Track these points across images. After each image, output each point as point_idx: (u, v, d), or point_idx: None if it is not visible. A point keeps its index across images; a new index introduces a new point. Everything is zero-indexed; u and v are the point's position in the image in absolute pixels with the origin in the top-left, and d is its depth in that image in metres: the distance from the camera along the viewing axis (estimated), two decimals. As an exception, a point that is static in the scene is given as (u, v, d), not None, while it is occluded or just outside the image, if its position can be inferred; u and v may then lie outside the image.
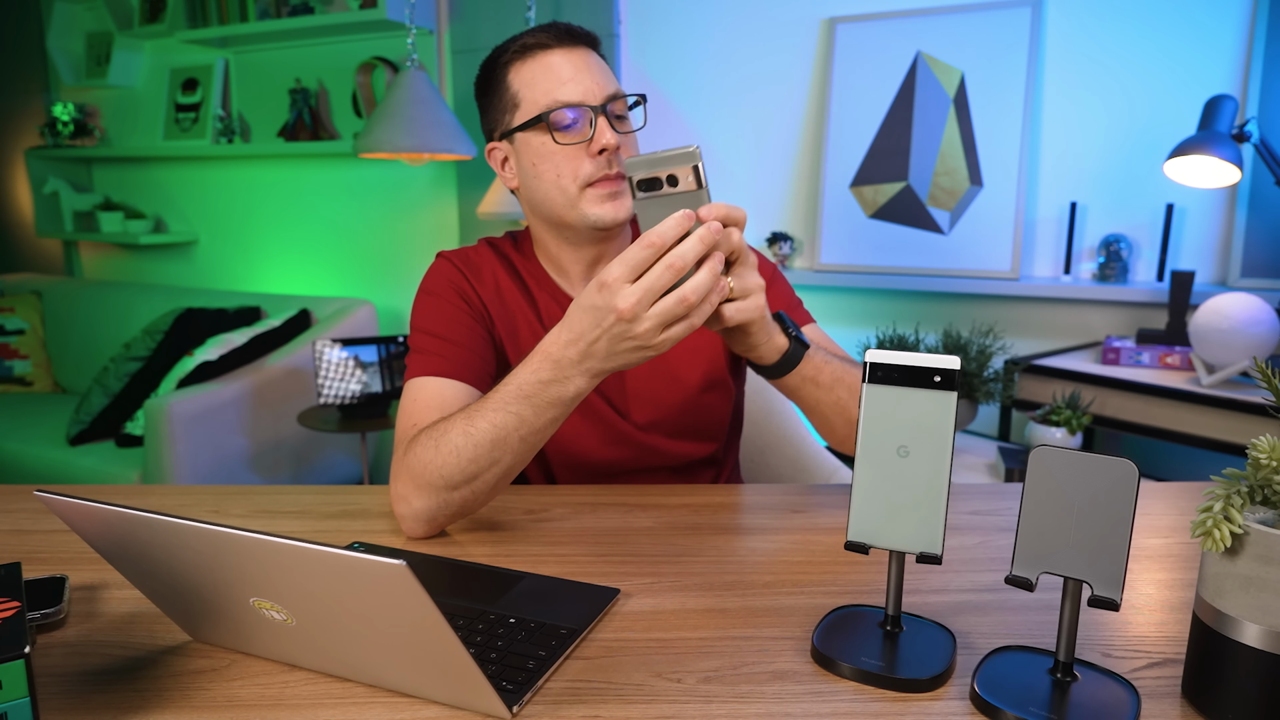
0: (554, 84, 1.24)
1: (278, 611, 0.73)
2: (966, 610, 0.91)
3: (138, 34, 4.14)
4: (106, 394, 3.37)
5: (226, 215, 4.35)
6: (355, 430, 3.09)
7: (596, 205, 1.25)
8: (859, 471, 0.80)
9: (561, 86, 1.24)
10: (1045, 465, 0.71)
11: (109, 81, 4.30)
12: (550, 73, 1.25)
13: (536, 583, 0.97)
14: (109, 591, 0.96)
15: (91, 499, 0.71)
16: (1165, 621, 0.89)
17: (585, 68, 1.25)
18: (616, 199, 1.26)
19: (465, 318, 1.32)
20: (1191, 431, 2.19)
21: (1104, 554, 0.69)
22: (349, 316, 3.59)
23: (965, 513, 1.20)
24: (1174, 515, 1.20)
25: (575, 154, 1.24)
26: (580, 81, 1.24)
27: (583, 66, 1.25)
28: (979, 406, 2.68)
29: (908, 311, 3.13)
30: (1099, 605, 0.69)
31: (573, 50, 1.26)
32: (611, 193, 1.25)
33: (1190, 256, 2.75)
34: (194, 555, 0.71)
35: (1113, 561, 0.69)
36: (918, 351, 1.42)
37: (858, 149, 3.09)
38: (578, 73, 1.24)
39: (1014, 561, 0.73)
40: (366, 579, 0.64)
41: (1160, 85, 2.72)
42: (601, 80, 1.25)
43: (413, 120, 3.00)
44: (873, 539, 0.80)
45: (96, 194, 4.59)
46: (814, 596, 0.95)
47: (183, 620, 0.84)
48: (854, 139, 3.10)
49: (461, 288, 1.35)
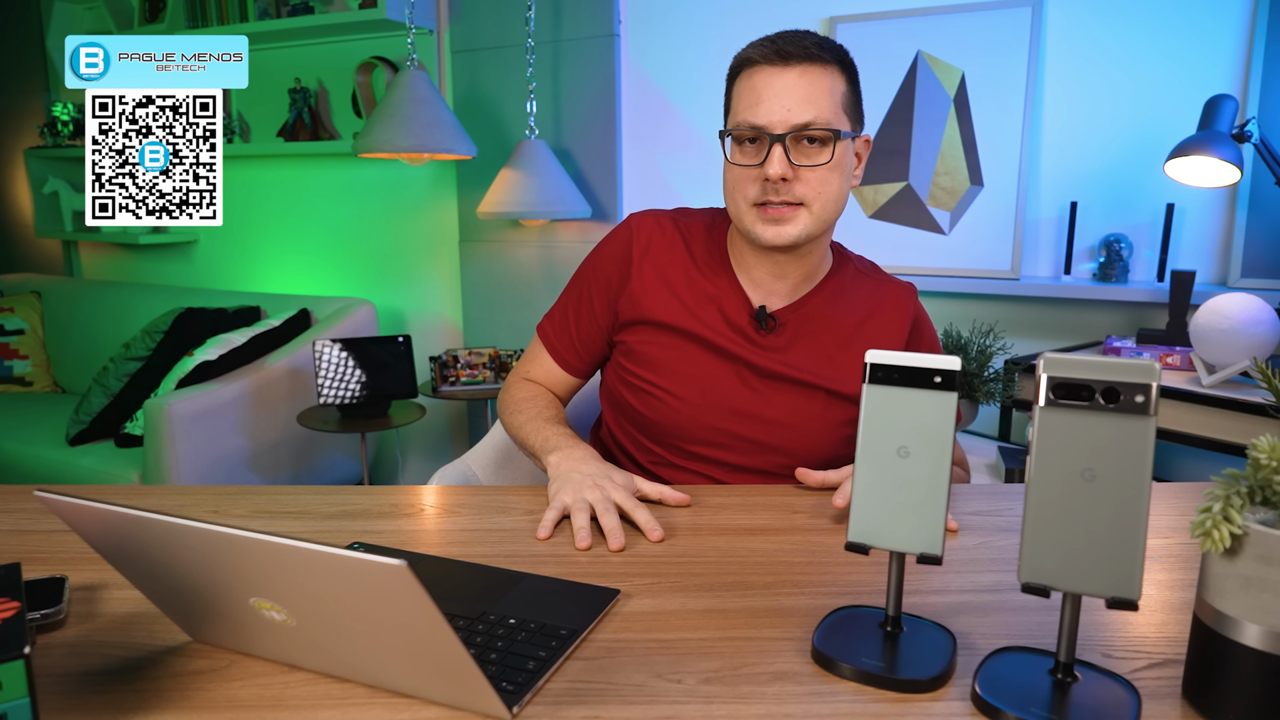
0: (749, 103, 1.29)
1: (278, 612, 0.73)
2: (967, 611, 0.91)
3: (138, 34, 4.12)
4: (106, 394, 3.37)
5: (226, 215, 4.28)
6: (355, 430, 3.09)
7: (759, 225, 1.31)
8: (859, 472, 0.80)
9: (752, 108, 1.28)
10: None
11: (108, 82, 4.28)
12: (752, 92, 1.29)
13: (536, 583, 0.97)
14: (109, 592, 0.96)
15: (91, 499, 0.71)
16: (1166, 622, 0.89)
17: (785, 91, 1.26)
18: (778, 225, 1.30)
19: (597, 300, 1.48)
20: (1192, 431, 2.19)
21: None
22: (349, 316, 3.59)
23: (966, 513, 1.20)
24: (1174, 515, 1.20)
25: (748, 173, 1.30)
26: (771, 107, 1.26)
27: (783, 90, 1.26)
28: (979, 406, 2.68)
29: (908, 311, 3.13)
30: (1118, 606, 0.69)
31: (783, 70, 1.27)
32: (773, 218, 1.30)
33: (1190, 256, 2.75)
34: (194, 555, 0.72)
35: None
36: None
37: (858, 149, 3.09)
38: (776, 96, 1.26)
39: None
40: (366, 579, 0.65)
41: (1160, 85, 2.72)
42: (796, 107, 1.26)
43: (412, 120, 3.00)
44: (873, 540, 0.80)
45: (96, 194, 4.57)
46: (814, 597, 0.95)
47: (182, 621, 0.84)
48: (854, 139, 3.09)
49: (614, 267, 1.47)
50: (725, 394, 1.39)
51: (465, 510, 1.24)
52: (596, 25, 3.32)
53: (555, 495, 1.19)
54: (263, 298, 3.86)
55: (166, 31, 3.99)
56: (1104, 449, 0.68)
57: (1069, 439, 0.69)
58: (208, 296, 3.89)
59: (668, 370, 1.41)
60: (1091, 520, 0.69)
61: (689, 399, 1.40)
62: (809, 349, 1.40)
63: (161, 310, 3.67)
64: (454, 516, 1.22)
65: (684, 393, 1.40)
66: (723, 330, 1.40)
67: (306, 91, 3.89)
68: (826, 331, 1.41)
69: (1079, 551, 0.69)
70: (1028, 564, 0.72)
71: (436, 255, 3.89)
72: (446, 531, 1.16)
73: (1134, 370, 0.67)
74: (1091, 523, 0.69)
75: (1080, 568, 0.70)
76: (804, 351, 1.40)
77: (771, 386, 1.39)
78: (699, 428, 1.40)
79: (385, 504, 1.25)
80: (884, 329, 1.44)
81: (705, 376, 1.40)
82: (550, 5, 3.36)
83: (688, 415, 1.40)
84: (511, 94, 3.48)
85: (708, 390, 1.39)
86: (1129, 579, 0.68)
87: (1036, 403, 0.70)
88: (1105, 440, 0.68)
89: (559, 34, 3.38)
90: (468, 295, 3.77)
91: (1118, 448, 0.68)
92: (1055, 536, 0.70)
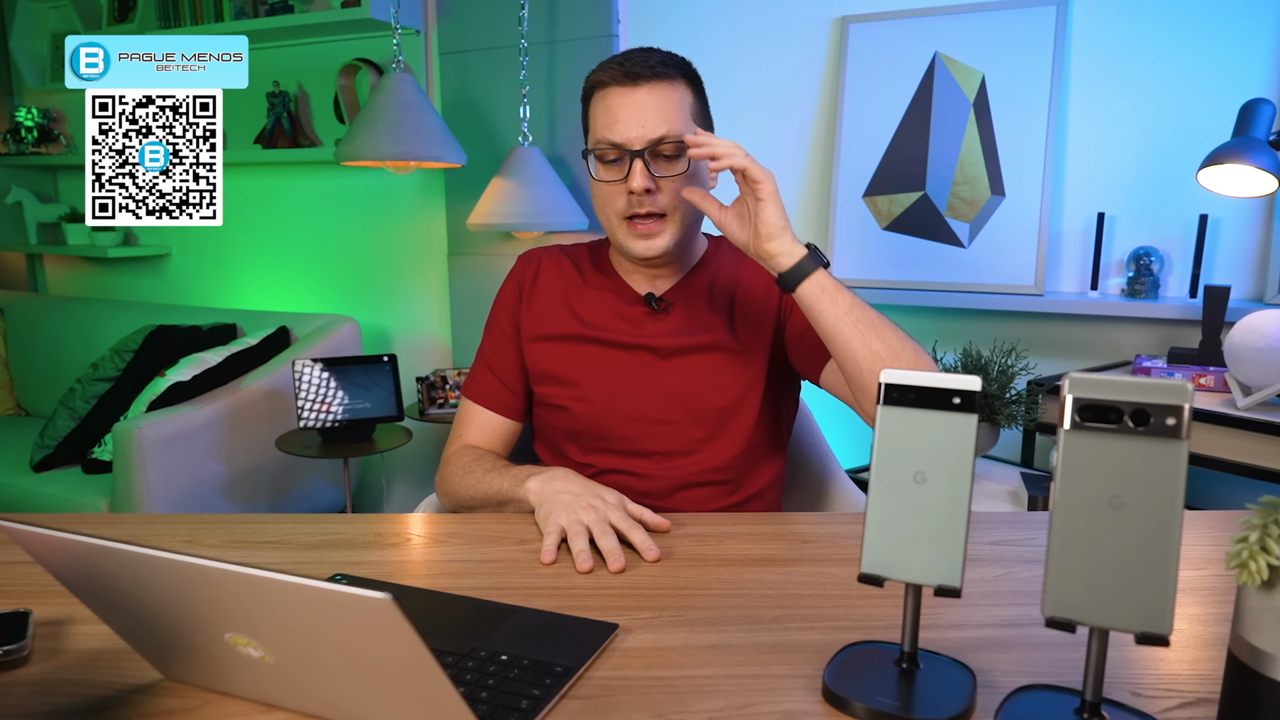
0: (605, 122, 1.44)
1: (255, 648, 0.73)
2: (987, 646, 0.91)
3: (106, 34, 4.14)
4: (73, 417, 3.37)
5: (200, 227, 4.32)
6: (337, 456, 3.09)
7: (630, 240, 1.47)
8: (873, 499, 0.81)
9: (609, 127, 1.43)
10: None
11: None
12: (607, 112, 1.44)
13: (530, 617, 0.97)
14: (75, 627, 0.96)
15: (57, 528, 0.71)
16: (1199, 659, 0.89)
17: (638, 109, 1.42)
18: (647, 239, 1.46)
19: (506, 338, 1.61)
20: (1226, 457, 2.19)
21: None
22: (331, 335, 3.59)
23: (986, 543, 1.20)
24: (1208, 546, 1.20)
25: (614, 190, 1.45)
26: (627, 125, 1.41)
27: (636, 108, 1.42)
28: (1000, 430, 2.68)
29: (925, 329, 3.14)
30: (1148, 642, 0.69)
31: (633, 89, 1.42)
32: (642, 234, 1.46)
33: (1225, 271, 2.75)
34: (166, 588, 0.72)
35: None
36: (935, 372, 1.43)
37: (871, 157, 3.10)
38: (630, 114, 1.41)
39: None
40: (349, 613, 0.65)
41: (1193, 88, 2.73)
42: (649, 123, 1.41)
43: (399, 126, 3.01)
44: (888, 571, 0.80)
45: (62, 204, 4.60)
46: (825, 632, 0.95)
47: (154, 657, 0.84)
48: (867, 146, 3.11)
49: (511, 304, 1.63)
50: (633, 383, 1.52)
51: (454, 540, 1.24)
52: (594, 26, 3.33)
53: (548, 518, 1.24)
54: (239, 314, 3.86)
55: (136, 31, 4.01)
56: (1133, 475, 0.68)
57: (1096, 464, 0.69)
58: (181, 313, 3.89)
59: (574, 377, 1.54)
60: (1120, 550, 0.69)
61: (599, 398, 1.52)
62: (700, 316, 1.54)
63: (131, 328, 3.67)
64: (442, 546, 1.22)
65: (594, 394, 1.53)
66: (617, 325, 1.55)
67: (286, 95, 3.90)
68: (715, 296, 1.56)
69: (1106, 584, 0.70)
70: (1052, 597, 0.72)
71: (424, 269, 3.90)
72: (434, 562, 1.16)
73: (1165, 391, 0.68)
74: (1120, 553, 0.69)
75: (1108, 601, 0.70)
76: (696, 320, 1.54)
77: (676, 363, 1.52)
78: (617, 421, 1.52)
79: (369, 533, 1.25)
80: (757, 273, 1.57)
81: (610, 373, 1.53)
82: (545, 4, 3.38)
83: (602, 413, 1.52)
84: (504, 98, 3.49)
85: (614, 385, 1.52)
86: (1160, 613, 0.68)
87: (1061, 426, 0.70)
88: (1134, 466, 0.68)
89: (554, 35, 3.39)
90: (457, 312, 3.77)
91: (1148, 473, 0.68)
92: (1081, 568, 0.70)
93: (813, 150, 3.24)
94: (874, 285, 3.10)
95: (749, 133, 3.27)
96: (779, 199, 1.32)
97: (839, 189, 3.14)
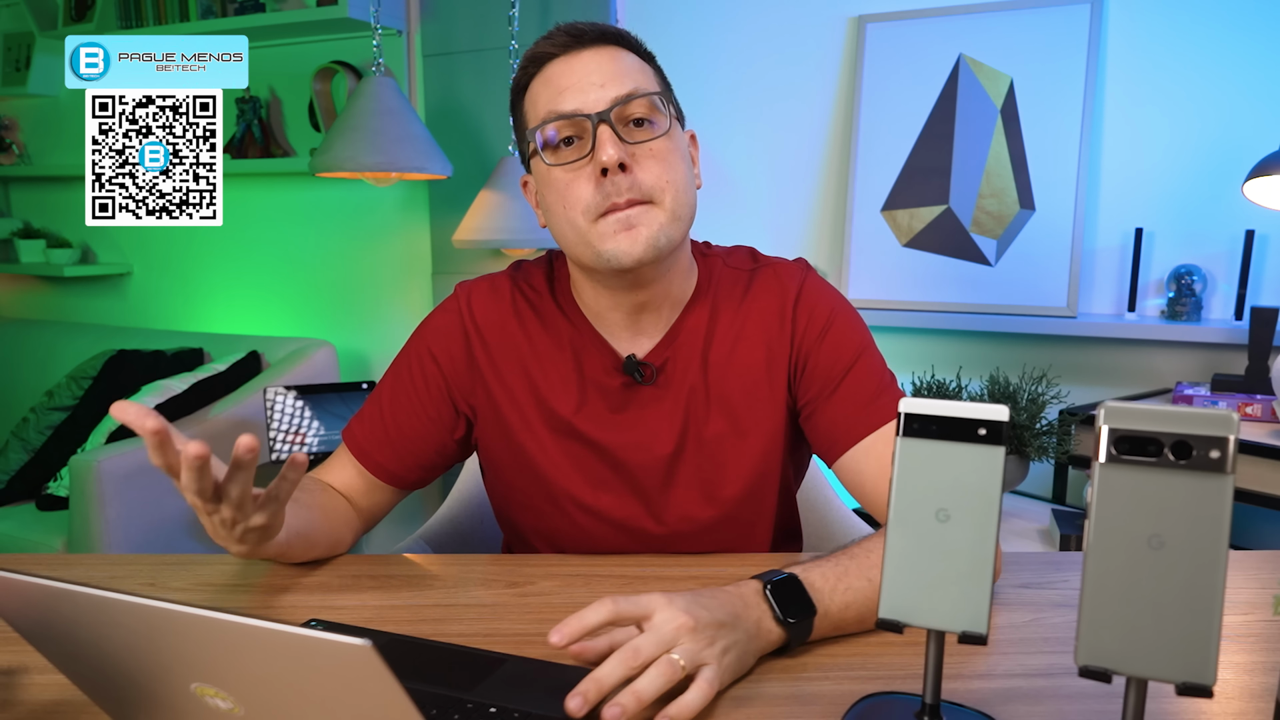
0: (550, 97, 1.20)
1: (223, 699, 0.73)
2: (1016, 698, 0.91)
3: (62, 35, 4.16)
4: (26, 449, 3.37)
5: (164, 244, 4.37)
6: (311, 491, 3.08)
7: (609, 240, 1.17)
8: (892, 539, 0.81)
9: (556, 98, 1.19)
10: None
11: (29, 90, 4.32)
12: (549, 85, 1.20)
13: (521, 666, 0.97)
14: (29, 676, 0.96)
15: (9, 570, 0.72)
16: (1244, 711, 0.89)
17: (592, 69, 1.19)
18: (631, 230, 1.17)
19: (421, 402, 1.35)
20: (1275, 492, 2.19)
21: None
22: (305, 360, 3.59)
23: (1014, 586, 1.20)
24: (1254, 588, 1.20)
25: (577, 178, 1.18)
26: (581, 87, 1.18)
27: (589, 69, 1.19)
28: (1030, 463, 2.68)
29: (948, 354, 3.14)
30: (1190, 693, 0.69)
31: (579, 52, 1.21)
32: (624, 225, 1.17)
33: (1273, 291, 2.76)
34: (126, 634, 0.72)
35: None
36: (960, 400, 1.43)
37: (890, 168, 3.12)
38: (583, 75, 1.18)
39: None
40: (325, 661, 0.65)
41: (1239, 93, 2.74)
42: (607, 80, 1.18)
43: (378, 134, 3.02)
44: (908, 616, 0.80)
45: (14, 219, 4.62)
46: (840, 682, 0.95)
47: (114, 709, 0.84)
48: (886, 156, 3.12)
49: (449, 351, 1.35)
50: (619, 500, 1.33)
51: (439, 582, 1.24)
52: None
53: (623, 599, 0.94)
54: (206, 338, 3.87)
55: (96, 33, 4.02)
56: (1174, 512, 0.68)
57: (1134, 501, 0.69)
58: (143, 337, 3.89)
59: (543, 483, 1.33)
60: (1160, 594, 0.69)
61: (573, 511, 1.33)
62: (694, 391, 1.31)
63: (90, 353, 3.67)
64: (426, 589, 1.22)
65: (566, 506, 1.33)
66: (591, 412, 1.31)
67: (256, 101, 3.92)
68: (711, 358, 1.31)
69: (1145, 630, 0.69)
70: (1086, 644, 0.71)
71: (406, 289, 3.90)
72: (417, 606, 1.16)
73: (1208, 422, 0.68)
74: (1160, 596, 0.69)
75: (1146, 649, 0.69)
76: (689, 396, 1.31)
77: (673, 470, 1.32)
78: (602, 542, 1.34)
79: (347, 575, 1.25)
80: (765, 317, 1.33)
81: (585, 481, 1.32)
82: (536, 3, 3.39)
83: (583, 536, 1.34)
84: (492, 104, 3.50)
85: (594, 502, 1.32)
86: (1202, 661, 0.68)
87: (1096, 459, 0.70)
88: (1175, 502, 0.68)
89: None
90: (442, 335, 3.76)
91: (1190, 511, 0.68)
92: (1118, 612, 0.70)
93: (827, 161, 3.24)
94: (893, 307, 3.10)
95: (759, 142, 3.28)
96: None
97: (855, 202, 3.15)
